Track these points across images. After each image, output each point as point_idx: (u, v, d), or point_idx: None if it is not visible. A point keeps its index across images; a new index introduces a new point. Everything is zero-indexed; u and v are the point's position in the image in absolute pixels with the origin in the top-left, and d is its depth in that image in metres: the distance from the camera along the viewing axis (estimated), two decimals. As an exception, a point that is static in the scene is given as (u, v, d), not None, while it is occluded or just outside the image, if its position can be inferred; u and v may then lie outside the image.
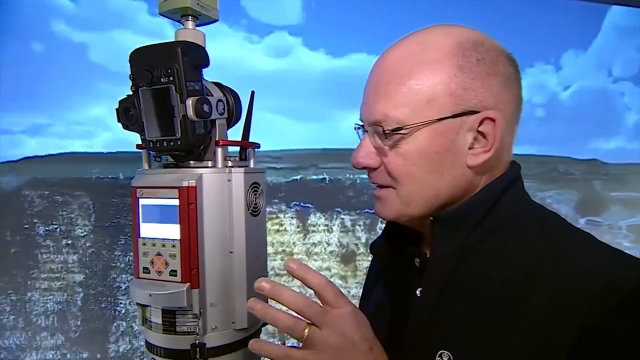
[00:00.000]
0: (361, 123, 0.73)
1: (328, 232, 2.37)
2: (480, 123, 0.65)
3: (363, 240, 2.43)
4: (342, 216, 2.40)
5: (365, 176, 0.75)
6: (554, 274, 0.60)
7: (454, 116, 0.65)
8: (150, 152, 0.84)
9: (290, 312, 0.66)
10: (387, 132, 0.66)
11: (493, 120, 0.65)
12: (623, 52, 2.82)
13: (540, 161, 2.81)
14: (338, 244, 2.41)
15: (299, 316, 0.65)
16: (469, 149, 0.67)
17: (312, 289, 0.66)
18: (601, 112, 2.84)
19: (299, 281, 0.66)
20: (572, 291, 0.58)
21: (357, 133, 0.75)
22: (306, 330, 0.64)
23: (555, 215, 0.71)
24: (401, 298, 0.76)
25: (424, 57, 0.66)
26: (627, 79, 2.94)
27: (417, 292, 0.72)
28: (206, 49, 0.83)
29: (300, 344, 0.65)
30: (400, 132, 0.65)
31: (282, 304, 0.66)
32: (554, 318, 0.58)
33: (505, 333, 0.60)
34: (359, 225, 2.43)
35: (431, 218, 0.68)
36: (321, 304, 0.66)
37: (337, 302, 0.65)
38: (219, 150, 0.80)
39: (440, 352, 0.64)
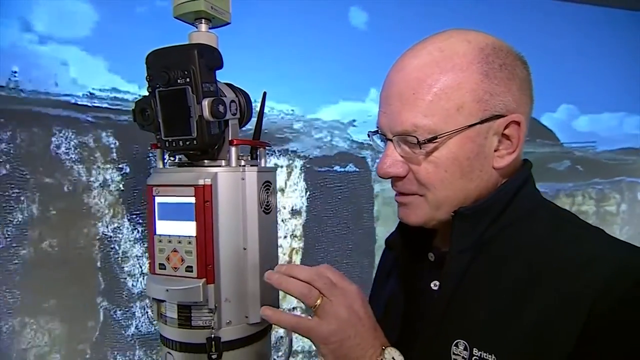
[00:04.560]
0: (375, 129, 0.74)
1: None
2: (506, 126, 0.68)
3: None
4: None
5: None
6: (564, 266, 0.63)
7: (482, 122, 0.66)
8: (165, 151, 0.86)
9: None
10: (423, 142, 0.66)
11: (518, 123, 0.68)
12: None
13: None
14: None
15: None
16: (495, 151, 0.69)
17: (307, 281, 0.70)
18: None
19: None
20: (581, 281, 0.60)
21: (374, 140, 0.76)
22: (319, 300, 0.68)
23: (566, 211, 0.74)
24: (415, 291, 0.78)
25: (449, 65, 0.66)
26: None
27: (432, 285, 0.74)
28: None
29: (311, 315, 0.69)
30: (435, 141, 0.66)
31: (296, 277, 0.70)
32: (564, 307, 0.60)
33: (516, 322, 0.63)
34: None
35: (452, 213, 0.70)
36: None
37: (341, 283, 0.70)
38: (233, 150, 0.83)
39: (456, 341, 0.67)
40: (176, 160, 0.88)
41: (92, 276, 1.67)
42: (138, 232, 1.66)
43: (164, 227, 0.82)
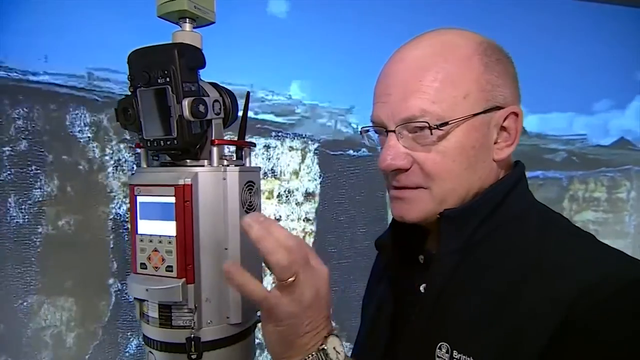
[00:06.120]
0: (367, 127, 0.73)
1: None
2: (505, 118, 0.68)
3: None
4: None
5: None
6: (548, 271, 0.62)
7: (485, 111, 0.67)
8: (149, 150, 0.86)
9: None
10: (434, 127, 0.65)
11: (516, 114, 0.69)
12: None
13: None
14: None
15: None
16: (494, 144, 0.69)
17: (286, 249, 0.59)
18: None
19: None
20: (562, 287, 0.59)
21: (368, 136, 0.75)
22: (291, 279, 0.59)
23: (557, 215, 0.73)
24: (404, 293, 0.77)
25: (453, 55, 0.67)
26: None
27: (421, 288, 0.73)
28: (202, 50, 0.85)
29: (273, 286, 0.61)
30: (445, 127, 0.65)
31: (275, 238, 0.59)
32: (544, 312, 0.59)
33: (497, 325, 0.62)
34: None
35: (438, 215, 0.69)
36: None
37: (314, 260, 0.63)
38: (215, 150, 0.82)
39: (440, 344, 0.66)
40: (160, 160, 0.88)
41: (105, 256, 1.70)
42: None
43: (145, 226, 0.82)
